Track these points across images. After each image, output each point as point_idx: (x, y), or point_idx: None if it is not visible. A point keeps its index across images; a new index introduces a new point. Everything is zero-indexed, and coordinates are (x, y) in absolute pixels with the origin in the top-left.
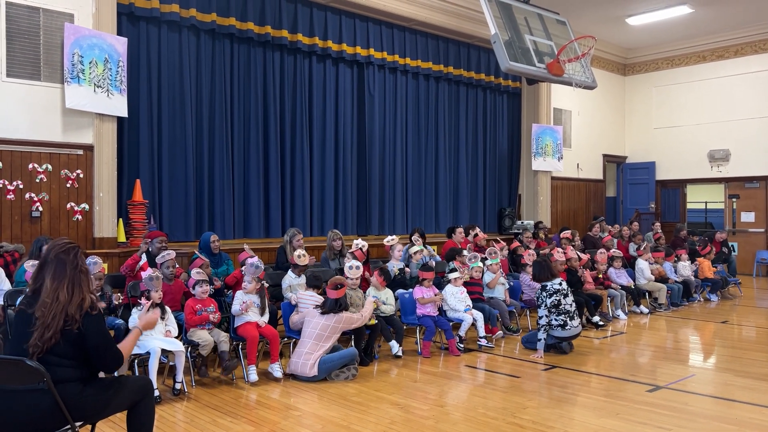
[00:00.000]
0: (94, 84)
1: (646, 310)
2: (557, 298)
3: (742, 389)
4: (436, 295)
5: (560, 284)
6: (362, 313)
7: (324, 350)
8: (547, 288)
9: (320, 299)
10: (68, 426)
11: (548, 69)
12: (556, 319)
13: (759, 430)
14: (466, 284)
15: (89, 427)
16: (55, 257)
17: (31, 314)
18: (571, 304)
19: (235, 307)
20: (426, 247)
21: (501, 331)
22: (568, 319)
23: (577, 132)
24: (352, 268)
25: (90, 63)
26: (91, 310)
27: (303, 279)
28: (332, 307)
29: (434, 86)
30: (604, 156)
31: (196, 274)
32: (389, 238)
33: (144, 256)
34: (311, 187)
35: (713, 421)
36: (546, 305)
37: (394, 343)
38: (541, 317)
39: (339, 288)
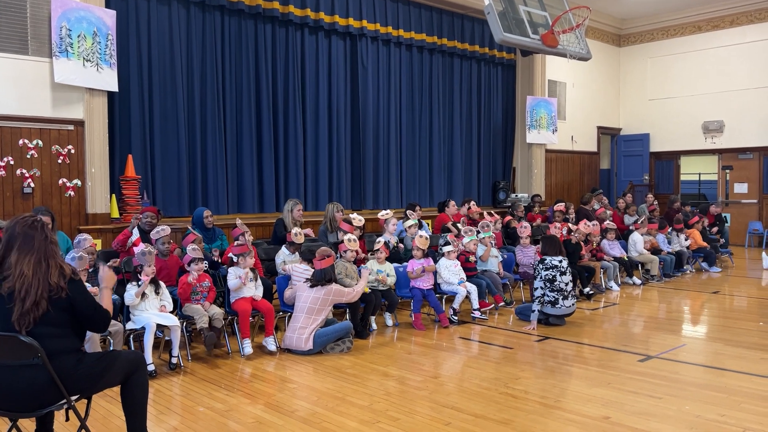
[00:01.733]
0: (83, 58)
1: (638, 282)
2: (553, 274)
3: (733, 358)
4: (429, 265)
5: (560, 261)
6: (355, 287)
7: (317, 324)
8: (545, 261)
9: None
10: (64, 400)
11: (542, 40)
12: (548, 295)
13: (748, 397)
14: (463, 259)
15: (85, 401)
16: (22, 231)
17: (7, 293)
18: (567, 284)
19: (233, 281)
20: (421, 223)
21: (493, 305)
22: (560, 297)
23: (571, 104)
24: (351, 240)
25: (78, 36)
26: (74, 275)
27: (297, 256)
28: (320, 278)
29: (428, 58)
30: (599, 128)
31: (191, 251)
32: (384, 212)
33: (136, 232)
34: (305, 162)
35: (703, 389)
36: (541, 277)
37: (372, 319)
38: (536, 288)
39: (326, 258)
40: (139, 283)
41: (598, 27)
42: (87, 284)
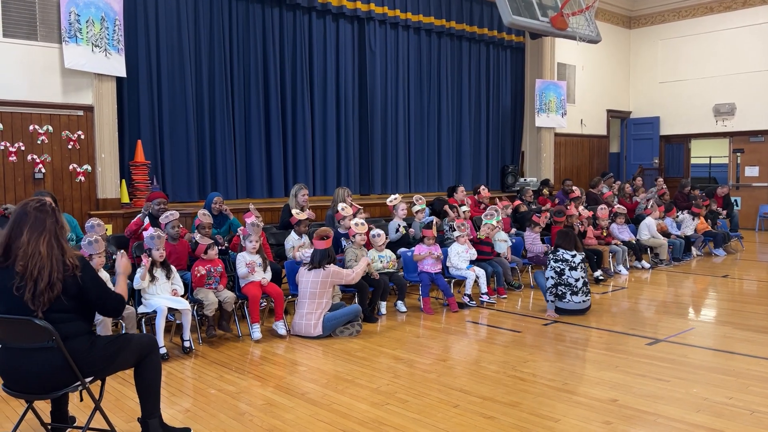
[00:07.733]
0: (92, 43)
1: (647, 265)
2: (562, 267)
3: (742, 342)
4: (436, 253)
5: (573, 256)
6: (354, 269)
7: (323, 308)
8: (558, 253)
9: None
10: (79, 382)
11: (552, 23)
12: (557, 288)
13: (757, 381)
14: (476, 243)
15: (99, 383)
16: (33, 213)
17: (19, 273)
18: (577, 279)
19: (242, 269)
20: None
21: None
22: (569, 292)
23: (581, 87)
24: (359, 224)
25: (87, 22)
26: (84, 260)
27: (305, 239)
28: (318, 258)
29: (436, 42)
30: (608, 111)
31: (200, 239)
32: (392, 197)
33: (147, 219)
34: (313, 147)
35: (711, 372)
36: (551, 267)
37: (383, 304)
38: (547, 278)
39: (324, 239)
40: (142, 265)
41: (608, 9)
42: (105, 272)
